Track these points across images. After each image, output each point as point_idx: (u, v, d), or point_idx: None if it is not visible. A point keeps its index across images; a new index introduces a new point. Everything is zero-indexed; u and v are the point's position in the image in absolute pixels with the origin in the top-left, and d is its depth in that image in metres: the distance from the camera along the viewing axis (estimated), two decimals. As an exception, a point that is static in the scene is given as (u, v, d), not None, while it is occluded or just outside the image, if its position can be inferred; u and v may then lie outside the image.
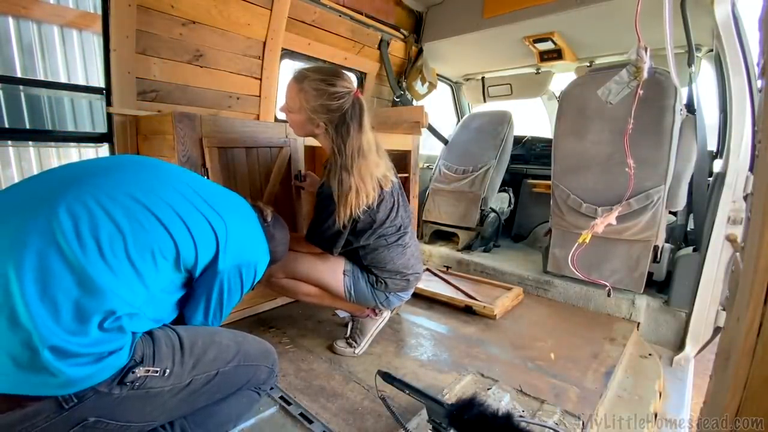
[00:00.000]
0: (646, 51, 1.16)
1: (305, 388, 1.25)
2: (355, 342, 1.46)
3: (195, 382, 0.85)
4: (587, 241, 1.32)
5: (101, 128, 1.72)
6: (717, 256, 1.61)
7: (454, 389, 1.23)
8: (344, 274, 1.37)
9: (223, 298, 0.91)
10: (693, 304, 1.68)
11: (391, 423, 1.08)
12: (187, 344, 0.84)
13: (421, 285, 1.93)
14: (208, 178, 1.45)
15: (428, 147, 3.29)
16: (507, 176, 2.89)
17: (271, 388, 1.20)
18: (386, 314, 1.56)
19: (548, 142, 2.64)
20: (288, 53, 2.23)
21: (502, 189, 2.94)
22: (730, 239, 1.46)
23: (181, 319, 0.93)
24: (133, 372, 0.73)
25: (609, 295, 1.23)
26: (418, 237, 2.87)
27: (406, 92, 2.81)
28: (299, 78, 1.21)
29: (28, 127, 1.88)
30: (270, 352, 1.04)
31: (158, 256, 0.78)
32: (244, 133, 1.57)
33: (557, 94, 2.90)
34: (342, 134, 1.20)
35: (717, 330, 1.64)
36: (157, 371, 0.77)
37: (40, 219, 0.69)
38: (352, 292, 1.38)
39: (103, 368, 0.70)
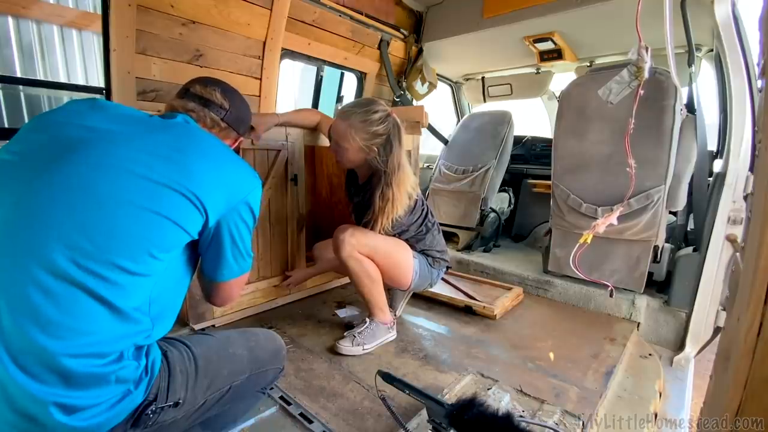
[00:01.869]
0: (647, 51, 1.16)
1: (305, 388, 1.24)
2: (364, 342, 1.46)
3: (208, 401, 0.83)
4: (588, 241, 1.31)
5: (101, 128, 1.72)
6: (717, 256, 1.61)
7: (454, 389, 1.23)
8: (414, 257, 1.52)
9: (237, 244, 0.85)
10: (693, 304, 1.68)
11: (391, 423, 1.08)
12: (201, 364, 0.81)
13: (421, 285, 1.93)
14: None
15: (428, 147, 3.29)
16: (507, 176, 2.89)
17: (271, 388, 1.20)
18: (394, 332, 1.58)
19: (548, 142, 2.64)
20: (288, 53, 2.23)
21: (502, 189, 2.94)
22: (730, 239, 1.46)
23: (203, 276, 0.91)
24: (146, 414, 0.72)
25: (611, 296, 1.23)
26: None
27: (406, 92, 2.81)
28: (345, 116, 1.37)
29: (28, 127, 1.88)
30: (280, 350, 1.02)
31: (154, 252, 0.71)
32: (244, 133, 1.57)
33: (557, 94, 2.90)
34: (387, 153, 1.36)
35: (717, 330, 1.64)
36: (170, 405, 0.75)
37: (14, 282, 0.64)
38: (417, 271, 1.52)
39: (118, 413, 0.68)
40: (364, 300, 1.52)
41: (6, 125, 1.83)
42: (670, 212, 1.91)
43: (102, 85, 1.63)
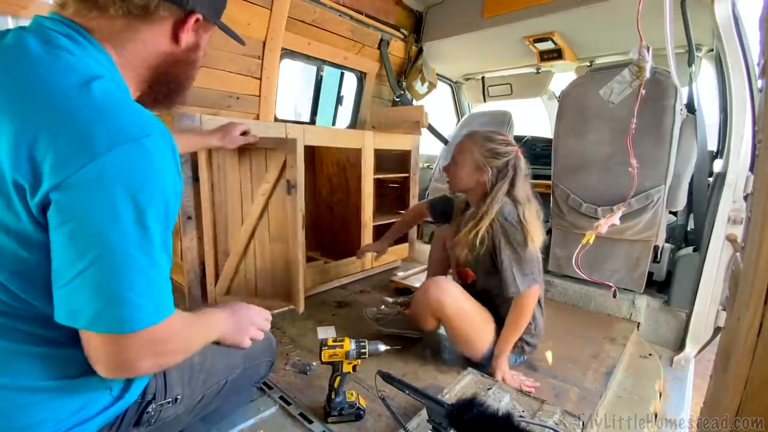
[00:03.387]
0: (648, 50, 1.16)
1: (305, 388, 1.24)
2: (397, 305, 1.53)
3: (207, 396, 0.84)
4: (591, 241, 1.31)
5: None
6: (717, 256, 1.61)
7: (454, 389, 1.23)
8: (492, 335, 1.34)
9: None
10: (693, 304, 1.68)
11: (391, 423, 1.08)
12: (197, 360, 0.80)
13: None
14: (206, 179, 1.45)
15: (428, 147, 3.29)
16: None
17: (271, 388, 1.21)
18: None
19: (548, 142, 2.64)
20: (288, 53, 2.23)
21: (502, 189, 2.94)
22: (730, 239, 1.46)
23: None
24: (147, 412, 0.71)
25: (615, 296, 1.23)
26: (417, 237, 2.87)
27: (406, 92, 2.81)
28: (469, 134, 1.40)
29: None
30: (271, 342, 1.03)
31: None
32: (244, 133, 1.57)
33: (557, 94, 2.90)
34: (501, 178, 1.32)
35: (717, 330, 1.64)
36: (169, 402, 0.74)
37: None
38: (491, 348, 1.34)
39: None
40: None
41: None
42: (670, 212, 1.91)
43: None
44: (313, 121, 2.68)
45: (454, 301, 1.30)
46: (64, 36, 0.53)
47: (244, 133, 1.47)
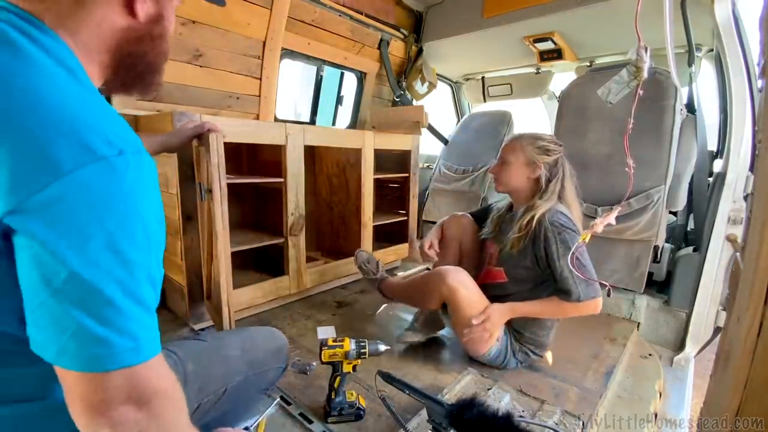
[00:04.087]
0: (646, 51, 1.16)
1: (305, 388, 1.24)
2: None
3: (203, 405, 0.80)
4: (587, 240, 1.32)
5: (101, 128, 1.71)
6: (717, 256, 1.61)
7: (454, 389, 1.23)
8: (497, 338, 1.33)
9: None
10: (693, 304, 1.68)
11: (391, 423, 1.08)
12: (190, 369, 0.76)
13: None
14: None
15: (428, 147, 3.29)
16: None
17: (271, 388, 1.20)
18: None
19: (548, 142, 2.64)
20: (288, 53, 2.23)
21: (502, 189, 2.94)
22: (730, 239, 1.46)
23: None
24: None
25: (609, 295, 1.23)
26: (417, 237, 2.87)
27: (406, 92, 2.81)
28: (517, 135, 1.41)
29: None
30: (281, 348, 0.98)
31: None
32: (244, 134, 1.57)
33: (557, 94, 2.90)
34: (554, 174, 1.34)
35: (717, 330, 1.64)
36: None
37: None
38: (494, 350, 1.33)
39: None
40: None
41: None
42: (670, 212, 1.91)
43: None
44: (313, 121, 2.68)
45: (469, 293, 1.31)
46: (14, 29, 0.46)
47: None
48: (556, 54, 2.51)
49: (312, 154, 2.46)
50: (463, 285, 1.30)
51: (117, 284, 0.44)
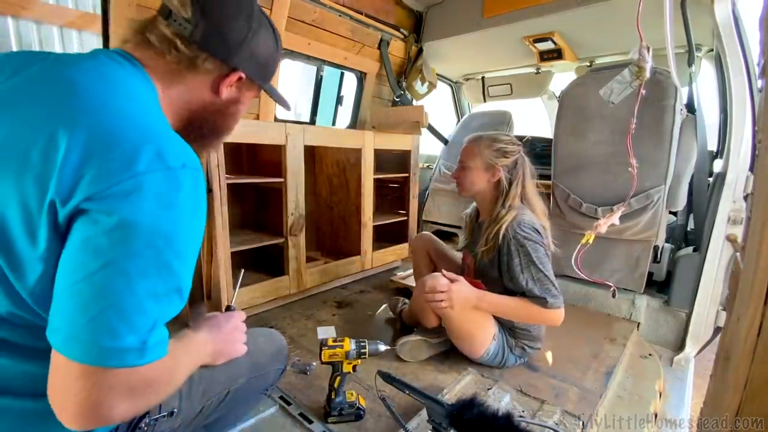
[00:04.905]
0: (648, 51, 1.16)
1: (305, 388, 1.24)
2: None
3: (206, 408, 0.80)
4: (591, 241, 1.32)
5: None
6: (717, 256, 1.61)
7: (454, 389, 1.23)
8: (493, 338, 1.34)
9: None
10: (693, 304, 1.68)
11: (391, 423, 1.08)
12: (195, 372, 0.75)
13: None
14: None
15: (428, 147, 3.29)
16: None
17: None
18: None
19: (548, 142, 2.63)
20: (288, 53, 2.23)
21: (502, 189, 2.94)
22: (730, 239, 1.46)
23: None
24: (140, 428, 0.66)
25: (614, 296, 1.23)
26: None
27: (406, 92, 2.81)
28: (473, 137, 1.42)
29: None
30: (281, 350, 0.98)
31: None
32: (244, 133, 1.57)
33: (557, 94, 2.90)
34: (514, 176, 1.34)
35: (717, 330, 1.64)
36: (164, 416, 0.70)
37: None
38: (490, 352, 1.34)
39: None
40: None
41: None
42: (670, 212, 1.91)
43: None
44: (313, 121, 2.68)
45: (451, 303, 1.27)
46: (122, 58, 0.60)
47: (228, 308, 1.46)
48: (556, 54, 2.50)
49: (312, 154, 2.46)
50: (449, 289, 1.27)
51: (149, 283, 0.48)
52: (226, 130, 0.76)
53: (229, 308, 0.89)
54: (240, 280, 1.00)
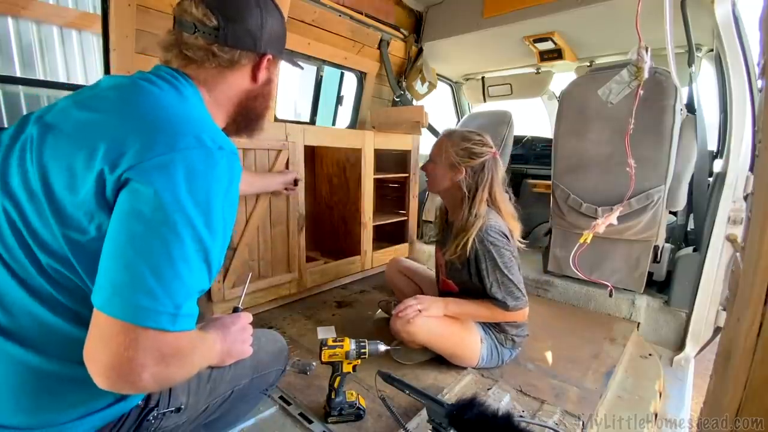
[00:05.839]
0: (646, 51, 1.16)
1: (305, 388, 1.24)
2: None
3: (211, 406, 0.82)
4: (588, 241, 1.32)
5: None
6: (717, 256, 1.61)
7: (454, 389, 1.23)
8: (481, 340, 1.34)
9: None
10: (693, 304, 1.68)
11: (391, 423, 1.08)
12: (204, 370, 0.77)
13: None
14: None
15: (428, 147, 3.29)
16: (507, 176, 2.88)
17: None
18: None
19: (548, 142, 2.64)
20: (288, 53, 2.22)
21: (502, 189, 2.94)
22: (730, 239, 1.46)
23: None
24: (148, 420, 0.69)
25: (611, 296, 1.23)
26: (418, 237, 2.87)
27: (406, 92, 2.81)
28: (447, 132, 1.39)
29: (27, 126, 1.88)
30: (283, 351, 1.00)
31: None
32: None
33: (557, 94, 2.90)
34: (476, 180, 1.30)
35: (717, 330, 1.64)
36: (171, 410, 0.72)
37: None
38: (484, 356, 1.34)
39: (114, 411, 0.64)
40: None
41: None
42: (670, 212, 1.91)
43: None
44: (313, 121, 2.68)
45: (425, 331, 1.28)
46: (168, 75, 0.67)
47: (295, 182, 1.72)
48: (556, 54, 2.50)
49: (312, 154, 2.46)
50: (412, 325, 1.26)
51: (181, 248, 0.52)
52: (266, 109, 0.83)
53: (236, 310, 0.89)
54: (247, 283, 1.00)
